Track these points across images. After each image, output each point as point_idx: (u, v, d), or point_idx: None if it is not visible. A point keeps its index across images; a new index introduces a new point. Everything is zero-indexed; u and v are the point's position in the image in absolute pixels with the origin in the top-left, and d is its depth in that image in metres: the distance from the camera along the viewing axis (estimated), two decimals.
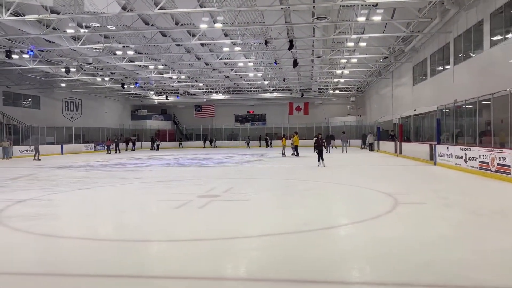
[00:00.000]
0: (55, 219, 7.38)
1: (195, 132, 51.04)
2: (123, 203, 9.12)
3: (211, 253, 5.00)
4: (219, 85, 42.97)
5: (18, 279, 4.25)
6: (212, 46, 25.94)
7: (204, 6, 16.81)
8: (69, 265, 4.64)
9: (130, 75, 34.91)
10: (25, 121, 35.99)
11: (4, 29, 20.15)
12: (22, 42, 23.18)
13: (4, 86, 35.78)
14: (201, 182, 12.74)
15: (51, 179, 13.70)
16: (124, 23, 20.07)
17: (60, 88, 39.17)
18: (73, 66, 29.70)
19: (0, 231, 6.21)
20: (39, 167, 19.46)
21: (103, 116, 46.32)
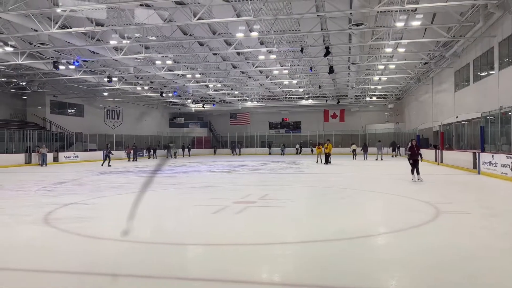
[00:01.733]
0: (99, 222, 7.70)
1: (230, 139, 51.59)
2: (162, 208, 9.38)
3: (247, 258, 5.05)
4: (254, 93, 43.33)
5: (65, 277, 4.47)
6: (248, 54, 26.26)
7: (240, 15, 17.10)
8: (111, 265, 4.84)
9: (169, 84, 35.90)
10: (70, 128, 37.80)
11: (52, 41, 21.34)
12: (69, 54, 24.43)
13: (51, 96, 37.81)
14: (237, 189, 12.87)
15: (94, 184, 14.28)
16: (164, 34, 20.73)
17: (103, 97, 40.87)
18: (115, 76, 30.94)
19: (50, 232, 6.55)
20: (83, 172, 20.33)
21: (143, 124, 47.81)
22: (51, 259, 5.12)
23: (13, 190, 12.48)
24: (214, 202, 9.76)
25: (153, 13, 16.58)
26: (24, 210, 8.56)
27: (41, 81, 32.38)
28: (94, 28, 17.72)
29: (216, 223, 7.37)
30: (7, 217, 7.92)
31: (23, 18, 16.45)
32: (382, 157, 30.65)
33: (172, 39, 20.81)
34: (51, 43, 21.52)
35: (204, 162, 30.68)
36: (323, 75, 32.04)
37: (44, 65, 25.96)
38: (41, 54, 24.96)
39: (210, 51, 24.06)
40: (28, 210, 8.53)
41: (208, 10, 16.94)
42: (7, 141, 28.23)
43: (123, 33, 20.68)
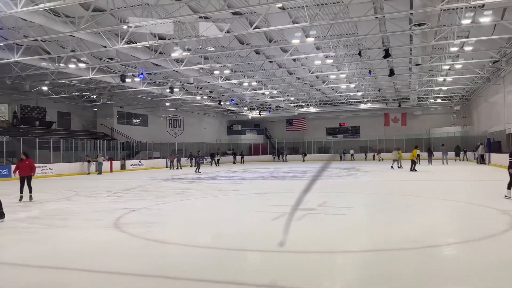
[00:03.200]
0: (164, 227, 8.04)
1: (286, 145, 51.52)
2: (222, 214, 9.59)
3: (307, 266, 5.01)
4: (310, 98, 43.03)
5: (133, 279, 4.72)
6: (304, 60, 26.17)
7: (296, 22, 17.12)
8: (175, 269, 5.03)
9: (226, 92, 36.76)
10: (135, 137, 39.97)
11: (119, 56, 22.77)
12: (134, 67, 25.92)
13: (118, 107, 40.28)
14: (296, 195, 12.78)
15: (159, 190, 14.95)
16: (222, 44, 21.30)
17: (165, 107, 42.79)
18: (176, 86, 32.28)
19: (120, 237, 6.96)
20: (148, 179, 21.36)
21: (202, 132, 49.33)
22: (121, 262, 5.43)
23: (86, 196, 13.42)
24: (273, 208, 9.80)
25: (211, 25, 17.13)
26: (96, 215, 9.17)
27: (110, 94, 34.62)
28: (157, 42, 18.66)
29: (275, 230, 7.38)
30: (81, 222, 8.53)
31: (94, 35, 17.75)
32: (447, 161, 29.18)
33: (229, 49, 21.32)
34: (118, 58, 22.97)
35: (261, 168, 30.91)
36: (382, 78, 31.04)
37: (112, 78, 27.76)
38: (109, 69, 26.72)
39: (266, 59, 24.32)
40: (100, 215, 9.13)
41: (264, 19, 17.15)
42: (80, 150, 30.45)
43: (183, 45, 21.55)
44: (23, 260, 5.44)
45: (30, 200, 11.92)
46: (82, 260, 5.48)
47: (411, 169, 22.67)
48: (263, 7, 15.07)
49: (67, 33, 16.58)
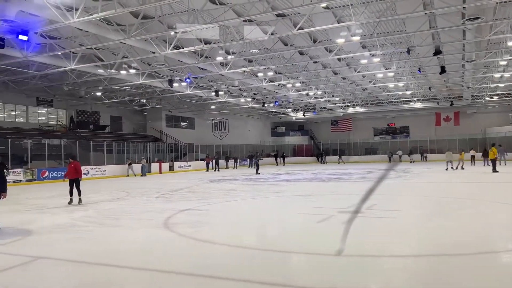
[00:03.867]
0: (211, 227, 8.20)
1: (331, 147, 50.74)
2: (267, 215, 9.63)
3: (353, 270, 4.91)
4: (356, 98, 42.14)
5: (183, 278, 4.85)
6: (350, 59, 25.69)
7: (341, 21, 16.86)
8: (223, 269, 5.11)
9: (270, 94, 36.88)
10: (183, 140, 41.11)
11: (167, 61, 23.54)
12: (181, 71, 26.68)
13: (166, 110, 41.65)
14: (341, 197, 12.60)
15: (205, 191, 15.27)
16: (265, 46, 21.41)
17: (210, 110, 43.66)
18: (221, 90, 32.84)
19: (169, 236, 7.19)
20: (195, 180, 21.87)
21: (247, 133, 49.80)
22: (171, 261, 5.60)
23: (137, 197, 13.98)
24: (317, 211, 9.70)
25: (255, 28, 17.27)
26: (147, 215, 9.53)
27: (158, 98, 35.85)
28: (203, 47, 19.10)
29: (321, 233, 7.31)
30: (133, 221, 8.90)
31: (143, 42, 18.49)
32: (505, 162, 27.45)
33: (273, 51, 21.38)
34: (166, 63, 23.75)
35: (305, 170, 30.67)
36: (433, 75, 29.77)
37: (161, 83, 28.73)
38: (158, 74, 27.69)
39: (310, 60, 24.14)
40: (150, 215, 9.48)
41: (308, 19, 17.04)
42: (131, 153, 31.77)
43: (228, 49, 21.90)
44: (80, 257, 5.76)
45: (79, 203, 11.73)
46: (134, 258, 5.72)
47: (493, 170, 21.45)
48: (307, 8, 14.97)
49: (119, 40, 17.39)
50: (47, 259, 5.66)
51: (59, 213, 10.29)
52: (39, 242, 6.88)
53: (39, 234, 7.52)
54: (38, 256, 5.75)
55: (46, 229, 8.03)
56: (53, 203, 12.41)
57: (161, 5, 13.95)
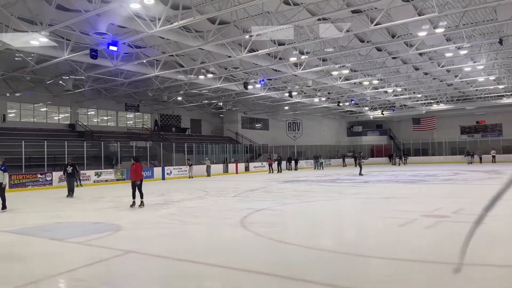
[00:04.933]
0: (286, 227, 8.21)
1: (413, 146, 47.97)
2: (344, 217, 9.38)
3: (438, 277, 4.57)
4: (440, 94, 39.39)
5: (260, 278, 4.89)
6: (432, 53, 24.08)
7: (423, 13, 15.87)
8: (300, 270, 5.07)
9: (346, 93, 35.98)
10: (257, 141, 41.81)
11: (242, 64, 24.10)
12: (255, 74, 27.13)
13: (242, 113, 42.69)
14: (424, 200, 11.84)
15: (280, 192, 15.34)
16: (341, 44, 20.93)
17: (284, 111, 43.81)
18: (295, 90, 32.78)
19: (246, 235, 7.33)
20: (269, 181, 22.08)
21: (321, 134, 49.13)
22: (248, 259, 5.70)
23: (216, 196, 14.48)
24: (399, 214, 9.23)
25: (330, 26, 16.96)
26: (225, 214, 9.82)
27: (234, 101, 36.86)
28: (277, 48, 19.24)
29: (403, 237, 6.93)
30: (212, 219, 9.23)
31: (220, 47, 19.13)
32: None
33: (349, 48, 20.82)
34: (242, 66, 24.33)
35: (384, 171, 29.39)
36: None
37: (236, 86, 29.51)
38: (234, 77, 28.46)
39: (389, 55, 23.06)
40: (228, 214, 9.75)
41: (386, 14, 16.31)
42: (209, 154, 33.06)
43: (302, 49, 21.78)
44: (165, 252, 6.10)
45: (140, 206, 11.29)
46: (213, 255, 5.91)
47: None
48: (385, 2, 14.34)
49: (197, 46, 18.19)
50: (135, 253, 6.08)
51: (145, 210, 11.02)
52: (128, 237, 7.43)
53: (127, 229, 8.12)
54: (127, 250, 6.20)
55: (133, 225, 8.65)
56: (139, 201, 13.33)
57: (236, 9, 14.30)
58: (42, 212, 11.45)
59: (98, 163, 24.81)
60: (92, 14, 13.51)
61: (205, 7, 15.12)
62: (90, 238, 7.20)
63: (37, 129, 28.21)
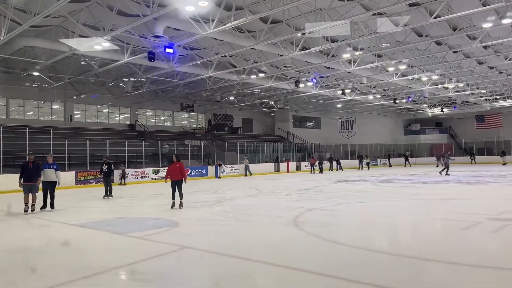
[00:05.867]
0: (339, 227, 8.05)
1: (476, 145, 45.04)
2: (400, 218, 9.03)
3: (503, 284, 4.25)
4: (507, 89, 36.66)
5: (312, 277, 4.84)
6: (498, 46, 22.49)
7: (488, 3, 14.85)
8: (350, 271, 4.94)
9: (402, 89, 34.61)
10: (309, 140, 41.43)
11: (294, 63, 23.99)
12: (307, 72, 26.89)
13: (293, 111, 42.52)
14: (490, 203, 11.08)
15: (333, 191, 15.09)
16: (397, 39, 20.17)
17: (337, 109, 43.01)
18: (348, 88, 32.06)
19: (298, 234, 7.28)
20: (322, 180, 21.79)
21: (376, 132, 47.64)
22: (299, 258, 5.65)
23: (268, 194, 14.55)
24: (461, 216, 8.71)
25: (386, 20, 16.39)
26: (277, 213, 9.83)
27: (285, 99, 36.80)
28: (329, 45, 18.94)
29: (465, 241, 6.53)
30: (265, 218, 9.28)
31: (271, 46, 19.18)
32: None
33: (406, 43, 20.00)
34: (293, 65, 24.22)
35: None
36: None
37: (288, 85, 29.44)
38: (285, 76, 28.41)
39: (449, 49, 21.86)
40: (280, 213, 9.75)
41: (447, 6, 15.47)
42: (261, 153, 33.30)
43: (356, 45, 21.26)
44: (219, 249, 6.23)
45: (179, 207, 10.71)
46: (265, 253, 5.94)
47: None
48: None
49: (249, 46, 18.38)
50: (191, 249, 6.26)
51: (199, 207, 11.32)
52: (183, 233, 7.67)
53: (183, 226, 8.38)
54: (183, 246, 6.40)
55: (189, 222, 8.91)
56: (195, 198, 13.71)
57: (288, 8, 14.26)
58: (105, 207, 12.14)
59: (155, 161, 25.87)
60: (149, 18, 14.12)
61: (258, 6, 15.23)
62: (148, 233, 7.52)
63: (100, 129, 29.98)
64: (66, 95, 28.99)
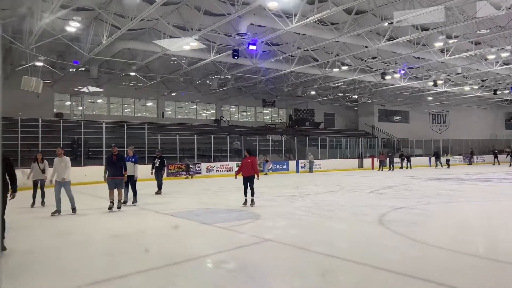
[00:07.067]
0: (429, 228, 7.54)
1: None
2: (498, 220, 8.19)
3: None
4: None
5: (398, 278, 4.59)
6: None
7: None
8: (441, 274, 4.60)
9: (504, 79, 31.22)
10: (396, 135, 39.36)
11: (380, 54, 22.91)
12: (395, 63, 25.52)
13: (378, 105, 40.73)
14: None
15: (422, 190, 14.18)
16: (498, 24, 18.22)
17: (427, 102, 40.23)
18: (441, 79, 29.77)
19: (384, 233, 6.98)
20: (410, 178, 20.60)
21: (472, 126, 43.66)
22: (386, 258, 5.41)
23: (350, 191, 14.16)
24: None
25: (485, 4, 14.88)
26: (361, 210, 9.52)
27: (370, 93, 35.38)
28: (419, 34, 17.76)
29: None
30: (348, 215, 9.05)
31: (356, 38, 18.53)
32: None
33: (508, 28, 17.98)
34: (379, 56, 23.15)
35: None
36: None
37: (373, 77, 28.25)
38: (370, 68, 27.29)
39: None
40: (364, 210, 9.43)
41: None
42: (343, 148, 32.49)
43: (450, 32, 19.65)
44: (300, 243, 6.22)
45: (251, 205, 10.10)
46: (348, 250, 5.80)
47: None
48: None
49: (332, 39, 17.99)
50: (273, 242, 6.35)
51: (281, 201, 11.42)
52: (266, 226, 7.80)
53: (265, 219, 8.52)
54: (266, 238, 6.52)
55: (271, 215, 9.04)
56: (277, 192, 13.87)
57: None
58: (192, 199, 12.84)
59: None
60: (234, 16, 14.52)
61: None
62: (233, 224, 7.79)
63: (188, 124, 31.71)
64: (158, 93, 31.13)
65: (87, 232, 7.58)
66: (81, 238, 7.02)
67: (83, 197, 12.34)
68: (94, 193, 13.58)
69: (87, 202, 11.41)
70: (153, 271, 4.90)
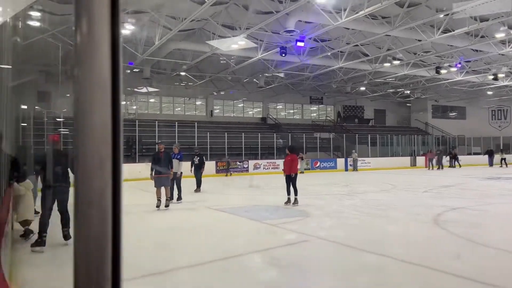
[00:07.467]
0: (490, 230, 7.14)
1: None
2: None
3: None
4: None
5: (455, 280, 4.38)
6: None
7: None
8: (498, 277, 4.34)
9: None
10: (451, 131, 37.46)
11: (434, 47, 21.88)
12: (450, 57, 24.27)
13: (432, 100, 38.93)
14: None
15: (481, 190, 13.43)
16: None
17: (487, 97, 37.86)
18: (502, 72, 27.89)
19: (440, 234, 6.69)
20: (467, 177, 19.54)
21: None
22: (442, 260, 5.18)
23: (404, 190, 13.70)
24: None
25: None
26: (415, 209, 9.19)
27: (424, 88, 33.89)
28: (478, 25, 16.75)
29: None
30: (400, 214, 8.78)
31: (408, 31, 17.82)
32: None
33: None
34: (433, 49, 22.11)
35: None
36: None
37: (427, 71, 27.03)
38: (423, 62, 26.13)
39: None
40: (418, 210, 9.09)
41: None
42: (395, 145, 31.43)
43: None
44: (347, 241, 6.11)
45: (293, 204, 9.68)
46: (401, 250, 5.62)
47: None
48: None
49: (383, 33, 17.44)
50: (322, 240, 6.31)
51: (330, 199, 11.28)
52: (315, 224, 7.76)
53: (314, 216, 8.46)
54: (315, 236, 6.49)
55: (320, 213, 8.97)
56: (326, 191, 13.73)
57: None
58: (242, 195, 13.02)
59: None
60: (282, 13, 14.49)
61: None
62: (282, 221, 7.81)
63: (236, 122, 32.12)
64: (207, 92, 31.77)
65: (139, 227, 7.92)
66: (132, 232, 7.34)
67: (139, 193, 12.90)
68: (146, 189, 14.13)
69: (138, 197, 11.91)
70: (202, 266, 5.03)
